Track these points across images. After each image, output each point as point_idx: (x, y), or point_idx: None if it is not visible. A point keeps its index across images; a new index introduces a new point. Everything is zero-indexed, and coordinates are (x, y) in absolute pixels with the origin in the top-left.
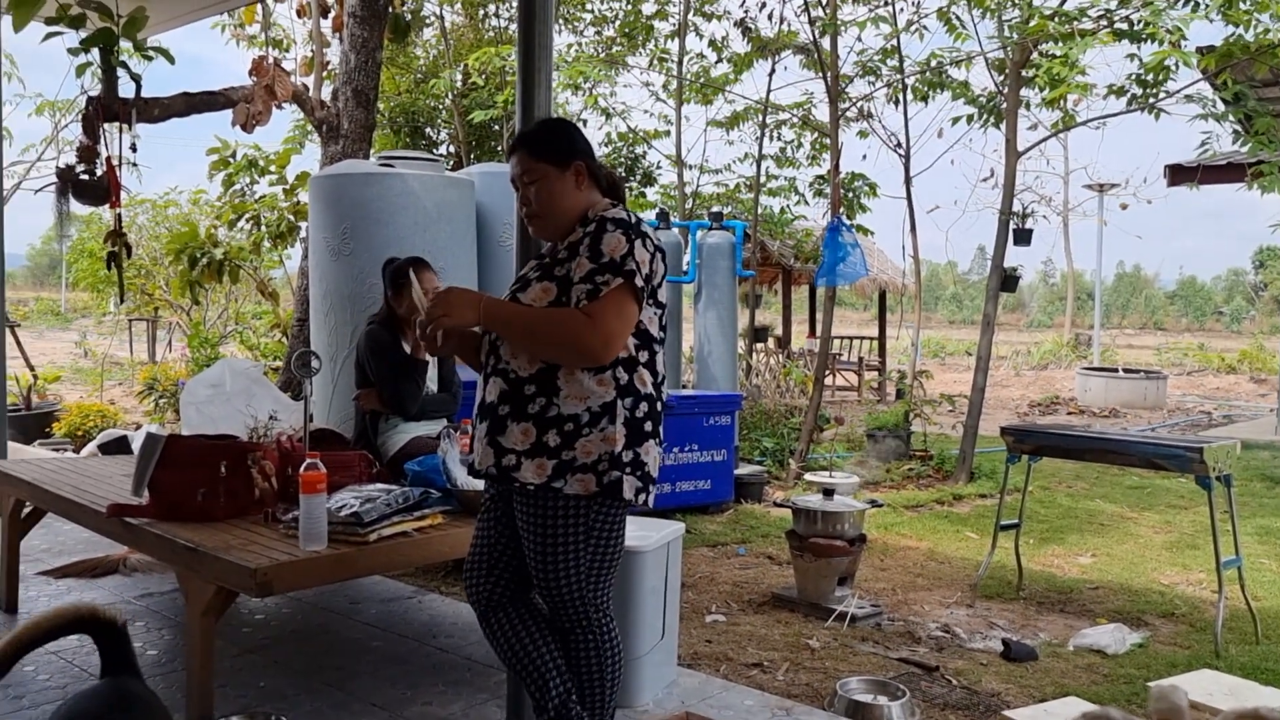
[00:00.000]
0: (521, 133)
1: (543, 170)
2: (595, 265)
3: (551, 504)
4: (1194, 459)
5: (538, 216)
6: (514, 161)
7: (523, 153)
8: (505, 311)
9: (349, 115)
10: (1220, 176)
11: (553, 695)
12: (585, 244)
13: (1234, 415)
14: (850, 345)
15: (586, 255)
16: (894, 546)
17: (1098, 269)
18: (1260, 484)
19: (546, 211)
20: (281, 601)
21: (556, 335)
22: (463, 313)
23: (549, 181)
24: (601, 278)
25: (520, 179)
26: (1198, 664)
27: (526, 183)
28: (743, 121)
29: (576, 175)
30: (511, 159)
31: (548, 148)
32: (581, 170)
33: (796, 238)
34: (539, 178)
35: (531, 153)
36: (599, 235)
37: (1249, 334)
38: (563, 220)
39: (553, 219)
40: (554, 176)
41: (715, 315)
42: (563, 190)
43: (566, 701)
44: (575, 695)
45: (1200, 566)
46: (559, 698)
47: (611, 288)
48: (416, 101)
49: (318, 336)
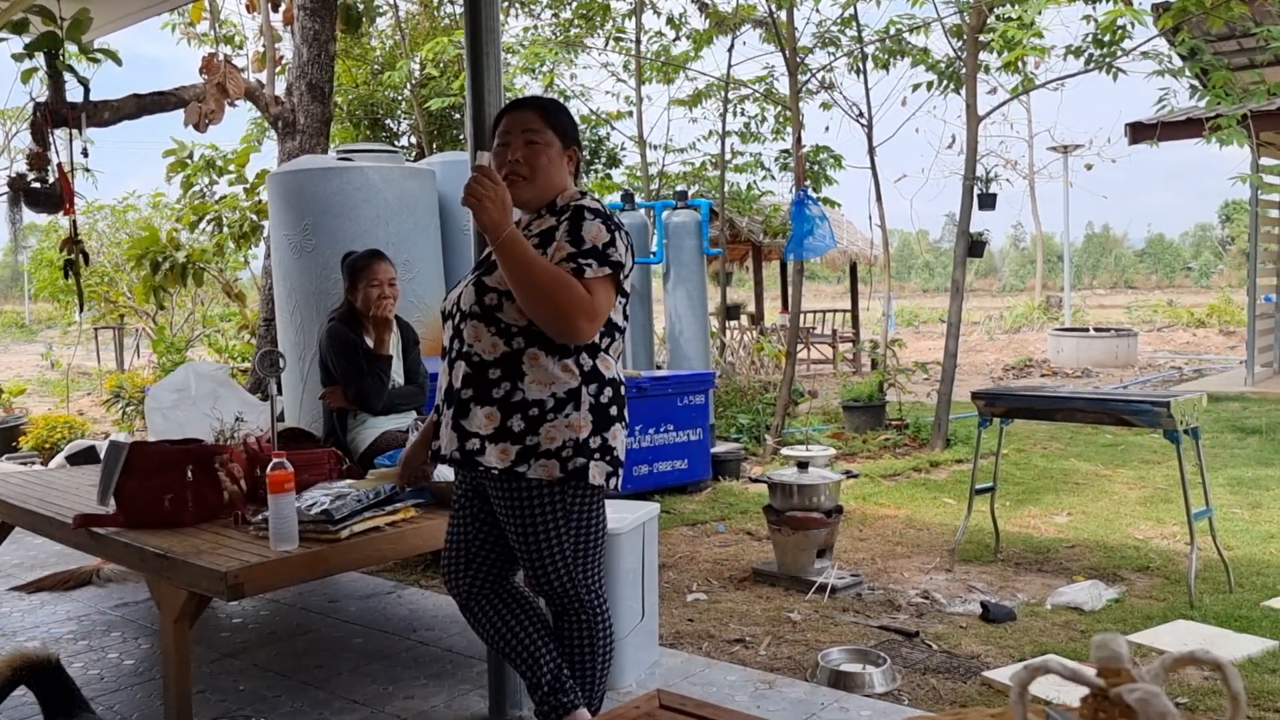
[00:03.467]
0: (533, 96)
1: (549, 138)
2: (577, 250)
3: (521, 489)
4: (1161, 413)
5: (525, 179)
6: (517, 119)
7: (535, 113)
8: (522, 252)
9: (305, 110)
10: (1180, 132)
11: (544, 673)
12: (563, 230)
13: (1204, 369)
14: (824, 318)
15: (566, 240)
16: (872, 516)
17: (1065, 231)
18: (1231, 435)
19: (535, 177)
20: (259, 603)
21: (559, 294)
22: (494, 213)
23: (550, 150)
24: (585, 261)
25: (520, 135)
26: (1173, 616)
27: (527, 141)
28: (705, 99)
29: (569, 159)
30: (511, 115)
31: (561, 120)
32: (574, 157)
33: (765, 213)
34: (544, 143)
35: (545, 117)
36: (577, 222)
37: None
38: (544, 192)
39: (536, 187)
40: (556, 149)
41: (685, 294)
42: (558, 165)
43: (559, 676)
44: (566, 671)
45: (1174, 520)
46: (551, 674)
47: (599, 276)
48: (374, 93)
49: (285, 335)
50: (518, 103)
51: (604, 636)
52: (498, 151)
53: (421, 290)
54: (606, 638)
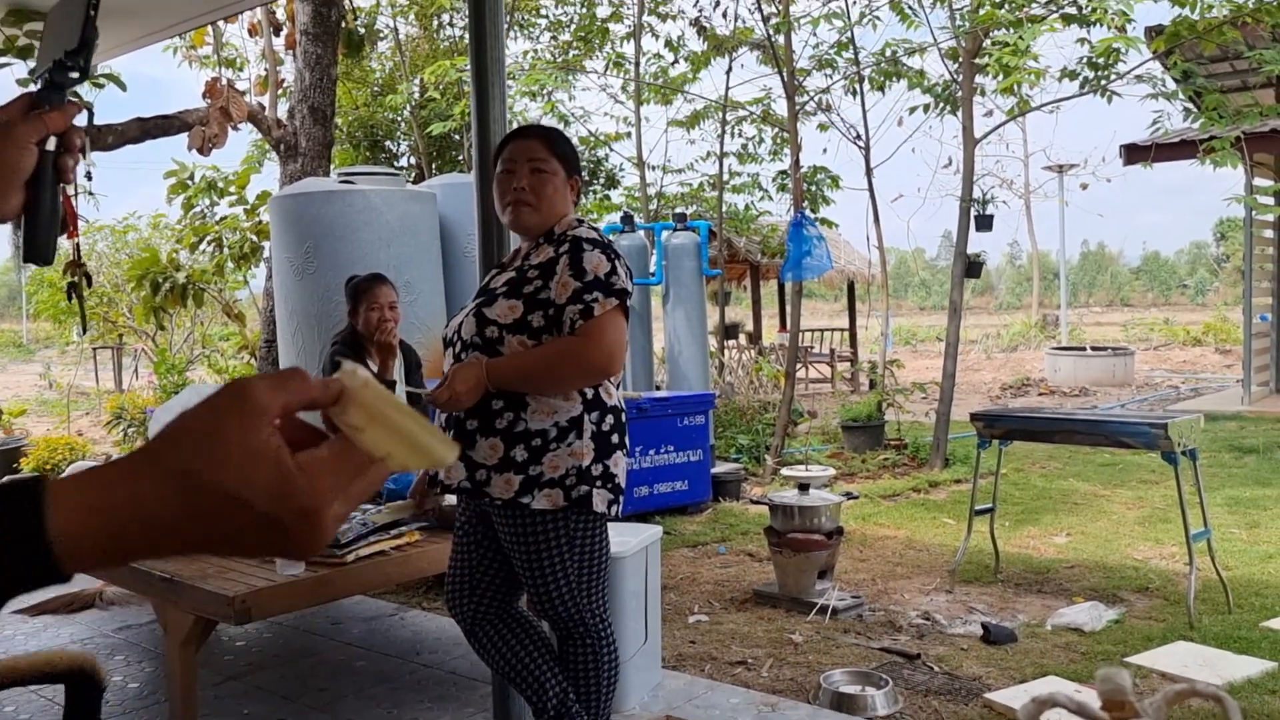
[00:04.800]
0: (537, 125)
1: (554, 166)
2: (581, 284)
3: (526, 519)
4: (1159, 435)
5: (530, 205)
6: (521, 147)
7: (540, 142)
8: (509, 368)
9: (306, 133)
10: (1174, 154)
11: (550, 697)
12: (564, 263)
13: (1201, 388)
14: (821, 337)
15: (570, 274)
16: (872, 537)
17: (1061, 249)
18: (1229, 454)
19: (541, 204)
20: (262, 626)
21: (563, 368)
22: (472, 393)
23: (555, 179)
24: (590, 296)
25: (526, 164)
26: (1173, 636)
27: (533, 170)
28: (703, 120)
29: (572, 187)
30: (515, 144)
31: (565, 149)
32: (576, 186)
33: (762, 233)
34: (549, 172)
35: (550, 145)
36: (578, 255)
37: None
38: (548, 220)
39: (541, 214)
40: (560, 178)
41: (684, 315)
42: (562, 193)
43: (565, 700)
44: (572, 695)
45: (1172, 540)
46: (557, 698)
47: (606, 308)
48: (374, 115)
49: (286, 357)
50: (521, 131)
51: (609, 660)
52: (500, 179)
53: (423, 313)
54: (612, 661)
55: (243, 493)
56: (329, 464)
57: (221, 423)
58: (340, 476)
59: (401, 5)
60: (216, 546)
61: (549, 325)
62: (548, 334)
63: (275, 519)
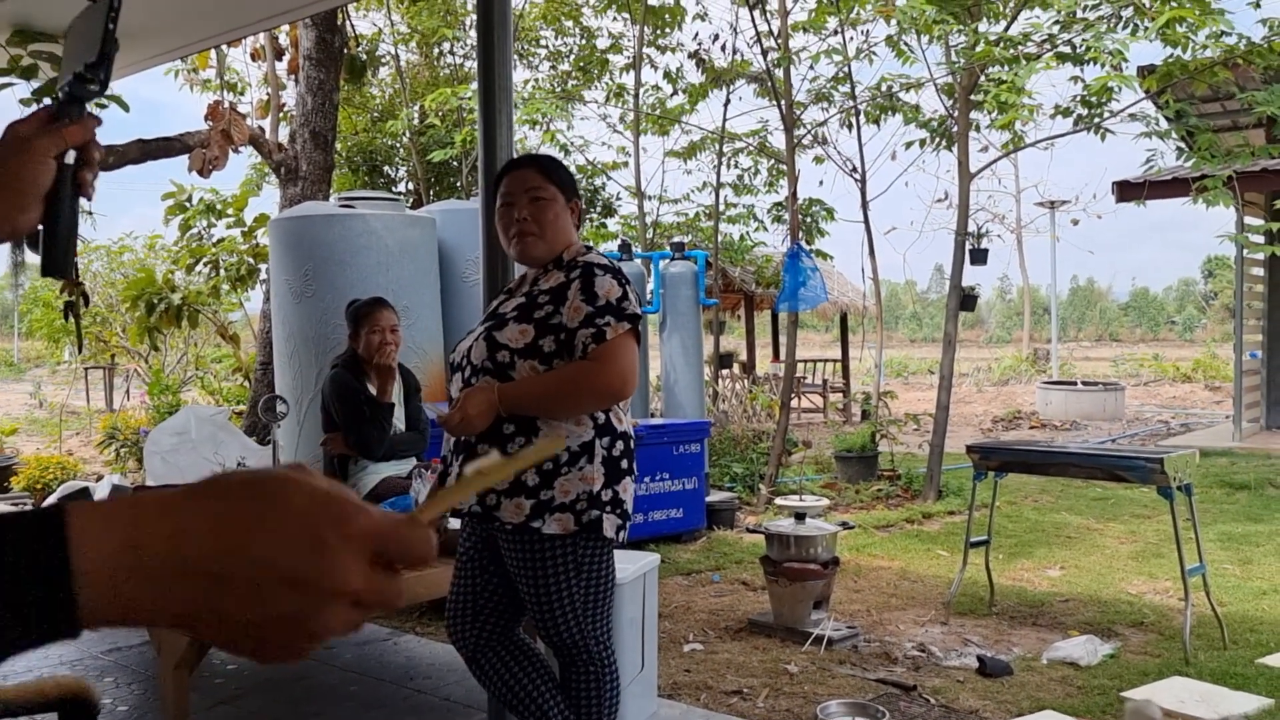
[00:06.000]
0: (530, 154)
1: (552, 193)
2: (594, 309)
3: (534, 544)
4: (1155, 470)
5: (534, 235)
6: (518, 178)
7: (534, 171)
8: (521, 393)
9: (307, 157)
10: (1166, 191)
11: None
12: (575, 289)
13: (1191, 423)
14: (814, 368)
15: (582, 299)
16: (867, 567)
17: (1053, 284)
18: (1220, 490)
19: (544, 233)
20: None
21: (576, 392)
22: (484, 417)
23: (555, 205)
24: (602, 320)
25: (524, 194)
26: (1168, 672)
27: (533, 199)
28: (700, 151)
29: (572, 211)
30: (512, 175)
31: (560, 175)
32: (577, 209)
33: (757, 264)
34: (548, 199)
35: (545, 173)
36: (589, 280)
37: (1201, 343)
38: (553, 247)
39: (545, 242)
40: (560, 203)
41: (680, 344)
42: (563, 220)
43: None
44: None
45: (1166, 575)
46: None
47: (619, 332)
48: (374, 141)
49: (282, 380)
50: (516, 163)
51: (610, 688)
52: (501, 212)
53: (421, 337)
54: (613, 689)
55: (273, 550)
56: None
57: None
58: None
59: (403, 33)
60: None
61: (560, 350)
62: (559, 359)
63: (297, 579)
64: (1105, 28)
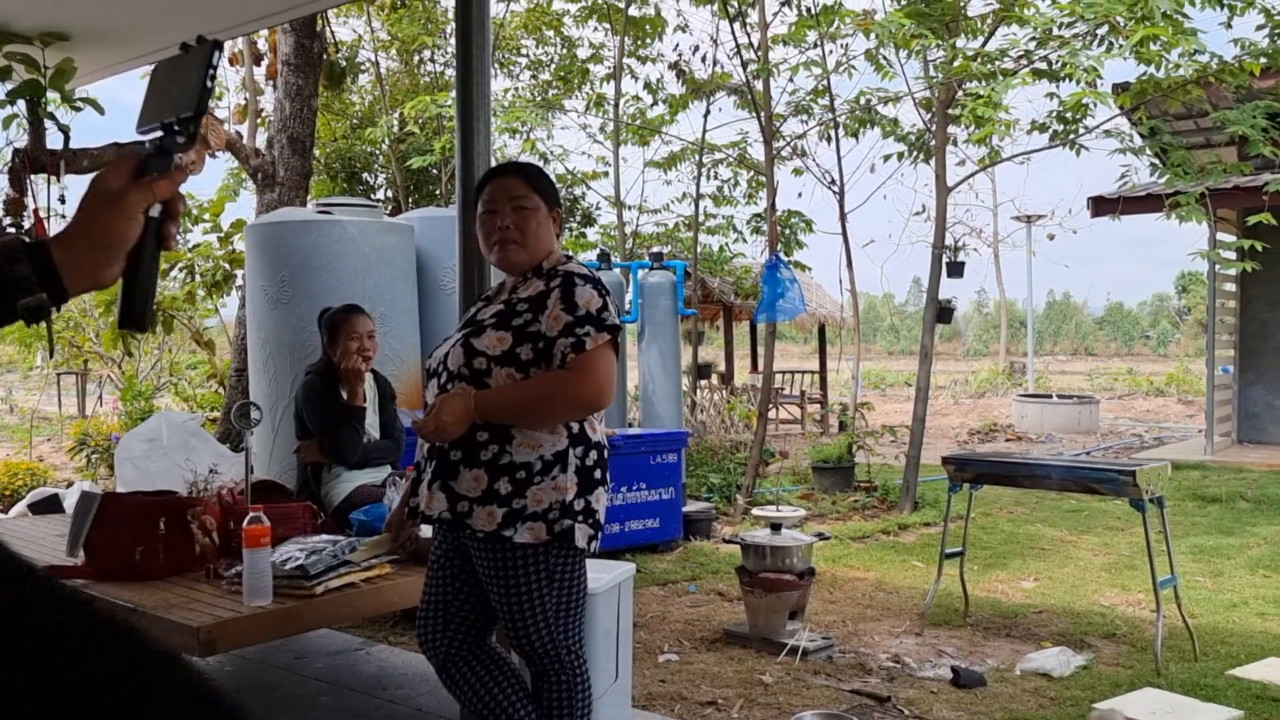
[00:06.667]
0: (513, 162)
1: (535, 201)
2: (573, 318)
3: (506, 552)
4: (1127, 482)
5: (516, 244)
6: (501, 186)
7: (519, 179)
8: (497, 401)
9: (285, 163)
10: (1140, 207)
11: None
12: (555, 297)
13: (1164, 437)
14: (792, 379)
15: (562, 309)
16: (843, 578)
17: (1029, 298)
18: (1192, 503)
19: (526, 241)
20: (224, 659)
21: (553, 402)
22: (459, 425)
23: (538, 215)
24: (582, 330)
25: (508, 203)
26: (1140, 683)
27: (516, 208)
28: (680, 162)
29: (554, 221)
30: (495, 183)
31: (543, 184)
32: (558, 219)
33: (736, 275)
34: (531, 208)
35: (529, 181)
36: (570, 289)
37: (1175, 357)
38: (535, 256)
39: (528, 250)
40: (543, 212)
41: (658, 353)
42: (546, 228)
43: None
44: None
45: (1139, 587)
46: None
47: (598, 343)
48: (353, 147)
49: (257, 386)
50: (500, 170)
51: (582, 698)
52: (484, 219)
53: (397, 344)
54: (585, 699)
55: None
56: None
57: None
58: None
59: (383, 40)
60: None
61: (538, 358)
62: (536, 367)
63: None
64: (1081, 45)
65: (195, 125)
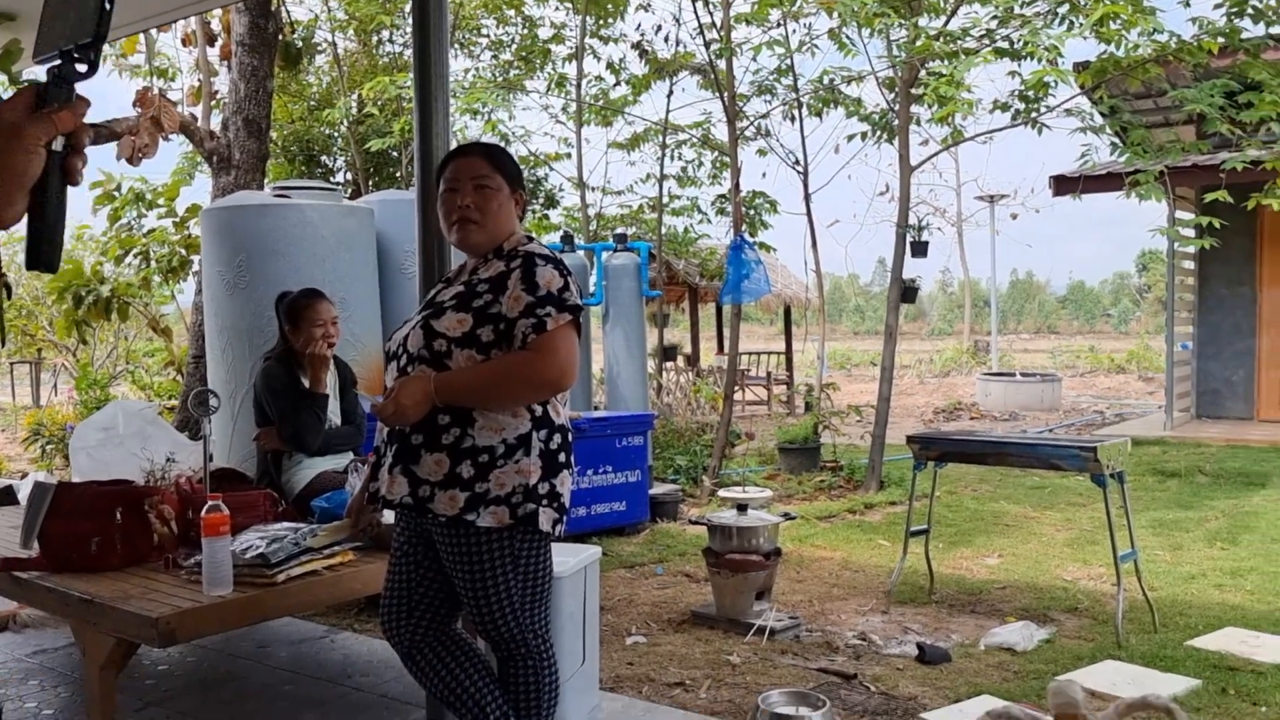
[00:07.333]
0: (477, 142)
1: (498, 182)
2: (534, 299)
3: (469, 537)
4: (1089, 458)
5: (476, 224)
6: (463, 165)
7: (481, 159)
8: (458, 383)
9: (240, 145)
10: (1101, 186)
11: (491, 719)
12: (516, 278)
13: (1125, 413)
14: (758, 360)
15: (523, 289)
16: (809, 558)
17: (993, 277)
18: (1152, 478)
19: (486, 221)
20: (185, 650)
21: (515, 383)
22: (419, 408)
23: (500, 195)
24: (543, 310)
25: (469, 182)
26: (1101, 655)
27: (477, 187)
28: (643, 142)
29: (516, 203)
30: (457, 162)
31: (507, 165)
32: (521, 201)
33: (701, 256)
34: (494, 188)
35: (492, 161)
36: (530, 270)
37: (1135, 334)
38: (495, 236)
39: (488, 231)
40: (505, 193)
41: (623, 336)
42: (507, 210)
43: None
44: (513, 717)
45: (1100, 561)
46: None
47: (559, 323)
48: (311, 130)
49: (215, 373)
50: (463, 149)
51: (549, 681)
52: (445, 198)
53: (358, 329)
54: (552, 683)
55: None
56: None
57: None
58: None
59: (340, 20)
60: None
61: (499, 340)
62: (497, 349)
63: None
64: (1042, 24)
65: (96, 52)
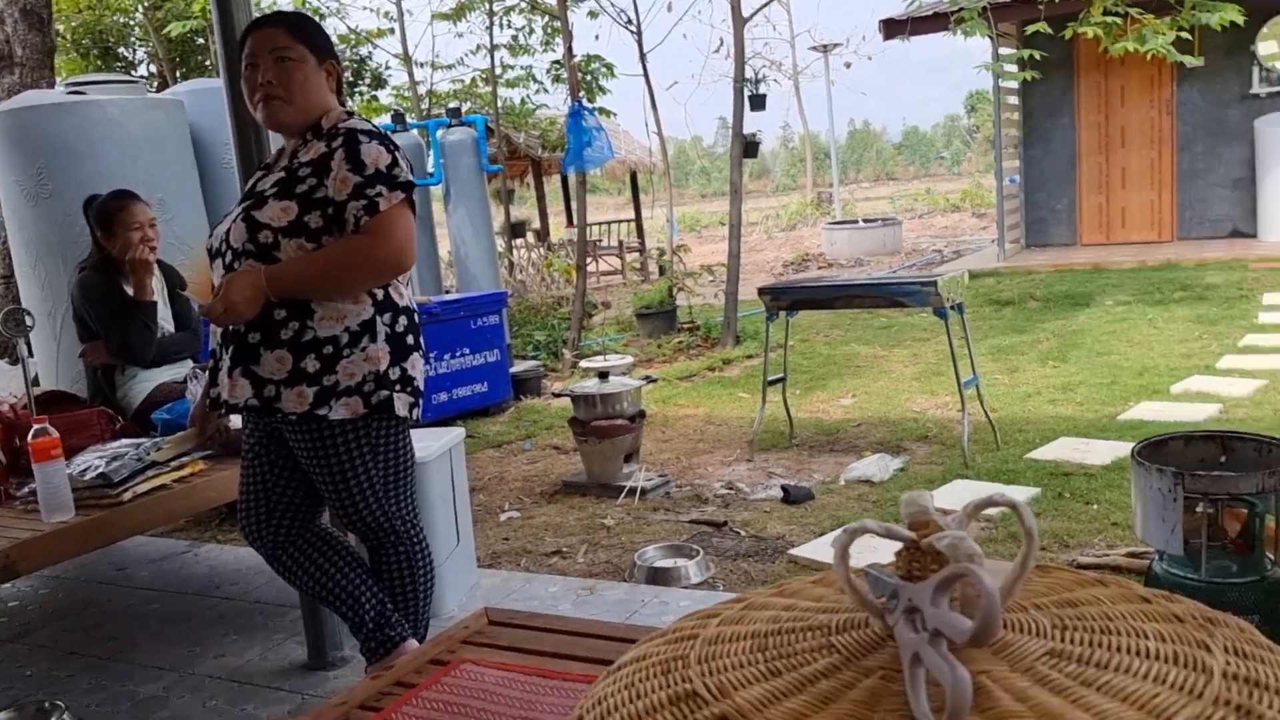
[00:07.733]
0: (275, 12)
1: (300, 53)
2: (362, 179)
3: (323, 431)
4: (930, 292)
5: (281, 99)
6: (262, 38)
7: (281, 30)
8: (291, 274)
9: (21, 39)
10: (928, 26)
11: (367, 611)
12: (340, 158)
13: (962, 249)
14: (609, 230)
15: (349, 169)
16: (673, 417)
17: (831, 129)
18: (989, 307)
19: (293, 96)
20: (37, 582)
21: (352, 269)
22: (250, 304)
23: (304, 67)
24: (373, 190)
25: (269, 56)
26: (951, 476)
27: (277, 60)
28: (469, 11)
29: (328, 74)
30: (255, 36)
31: (309, 33)
32: (333, 72)
33: (541, 127)
34: (295, 59)
35: (292, 32)
36: (354, 148)
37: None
38: (306, 112)
39: (295, 106)
40: (310, 65)
41: (466, 214)
42: (315, 82)
43: (383, 611)
44: (390, 605)
45: (946, 391)
46: (374, 610)
47: (392, 202)
48: (101, 19)
49: (29, 292)
50: (260, 21)
51: (423, 566)
52: (247, 75)
53: (181, 230)
54: (426, 567)
55: None
56: None
57: None
58: None
59: None
60: None
61: (328, 225)
62: (328, 235)
63: None
64: None
65: None
